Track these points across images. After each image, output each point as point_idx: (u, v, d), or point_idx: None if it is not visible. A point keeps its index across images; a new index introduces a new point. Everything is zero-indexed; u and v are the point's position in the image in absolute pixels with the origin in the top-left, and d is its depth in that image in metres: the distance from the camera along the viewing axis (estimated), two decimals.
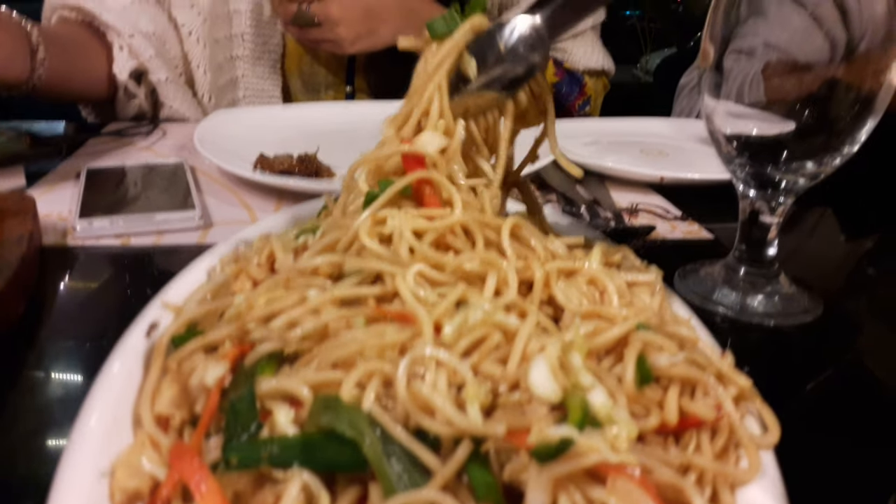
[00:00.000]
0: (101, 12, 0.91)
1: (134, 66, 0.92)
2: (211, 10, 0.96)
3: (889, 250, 0.64)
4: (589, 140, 0.85)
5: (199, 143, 0.71)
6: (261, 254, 0.38)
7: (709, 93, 0.49)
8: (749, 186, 0.49)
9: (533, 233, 0.38)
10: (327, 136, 0.83)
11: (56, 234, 0.57)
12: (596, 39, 1.10)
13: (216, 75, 0.98)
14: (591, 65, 1.09)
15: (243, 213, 0.63)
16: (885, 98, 0.46)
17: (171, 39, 0.96)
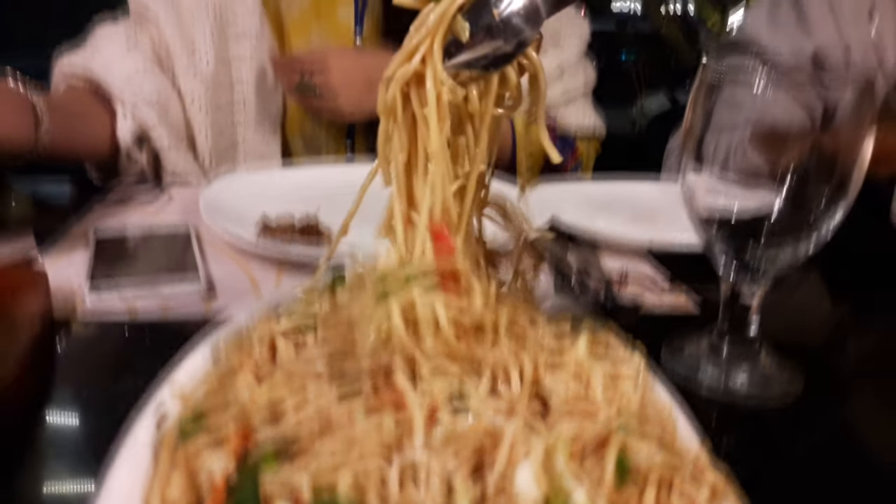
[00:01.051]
0: (108, 80, 0.95)
1: (137, 132, 0.95)
2: (214, 78, 0.99)
3: (871, 315, 0.67)
4: (581, 202, 0.88)
5: (204, 211, 0.74)
6: (262, 343, 0.41)
7: (691, 169, 0.51)
8: (729, 269, 0.51)
9: (526, 322, 0.41)
10: (328, 197, 0.86)
11: (66, 305, 0.59)
12: (588, 104, 1.14)
13: (217, 139, 1.01)
14: (583, 126, 1.12)
15: (246, 280, 0.66)
16: (858, 179, 0.49)
17: (173, 106, 0.99)
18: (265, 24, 1.01)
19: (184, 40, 0.99)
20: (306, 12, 1.06)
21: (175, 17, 0.99)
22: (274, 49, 1.03)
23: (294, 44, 1.06)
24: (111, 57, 0.97)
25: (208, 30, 0.99)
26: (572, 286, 0.66)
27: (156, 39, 1.00)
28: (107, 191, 0.90)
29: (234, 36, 1.01)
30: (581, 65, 1.13)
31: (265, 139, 1.04)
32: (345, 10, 1.06)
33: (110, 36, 1.00)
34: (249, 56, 1.01)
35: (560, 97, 1.10)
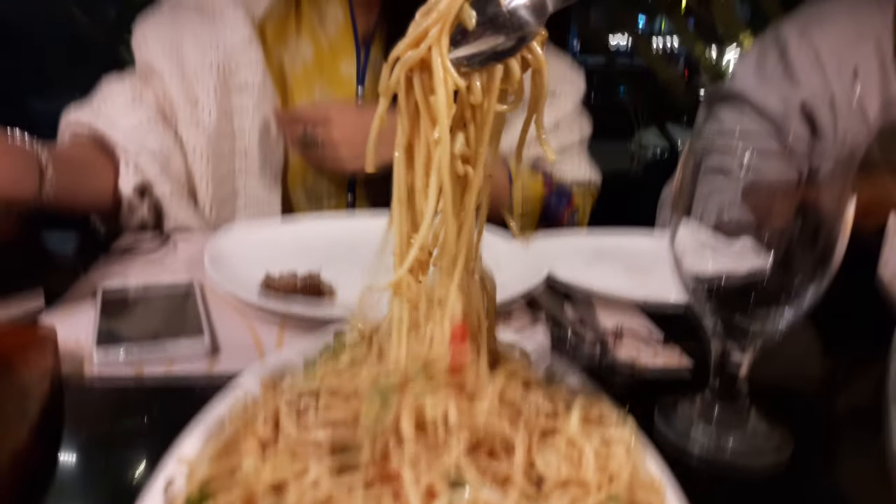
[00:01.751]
0: (111, 132, 0.97)
1: (138, 182, 0.98)
2: (216, 129, 1.02)
3: (860, 375, 0.68)
4: (576, 255, 0.90)
5: (209, 268, 0.75)
6: (266, 411, 0.42)
7: (680, 231, 0.53)
8: (718, 334, 0.52)
9: (520, 391, 0.42)
10: (330, 251, 0.88)
11: (73, 363, 0.61)
12: (583, 154, 1.17)
13: (218, 188, 1.04)
14: (579, 178, 1.15)
15: (248, 337, 0.67)
16: (841, 249, 0.50)
17: (175, 156, 1.02)
18: (268, 78, 1.04)
19: (187, 94, 1.02)
20: (310, 67, 1.09)
21: (179, 72, 1.02)
22: (276, 101, 1.06)
23: (297, 97, 1.09)
24: (116, 111, 1.00)
25: (211, 84, 1.02)
26: (568, 342, 0.67)
27: (160, 94, 1.03)
28: (112, 242, 0.92)
29: (237, 88, 1.04)
30: (577, 118, 1.16)
31: (266, 187, 1.06)
32: (347, 64, 1.09)
33: (116, 90, 1.03)
34: (252, 107, 1.03)
35: (555, 148, 1.14)
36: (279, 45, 1.09)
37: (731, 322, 0.51)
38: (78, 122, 1.00)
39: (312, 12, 1.10)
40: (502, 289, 0.74)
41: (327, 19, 1.10)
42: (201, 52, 1.02)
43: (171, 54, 1.02)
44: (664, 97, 3.41)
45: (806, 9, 1.25)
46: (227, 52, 1.02)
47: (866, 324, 0.75)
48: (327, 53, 1.10)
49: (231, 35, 1.02)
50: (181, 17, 1.05)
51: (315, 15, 1.10)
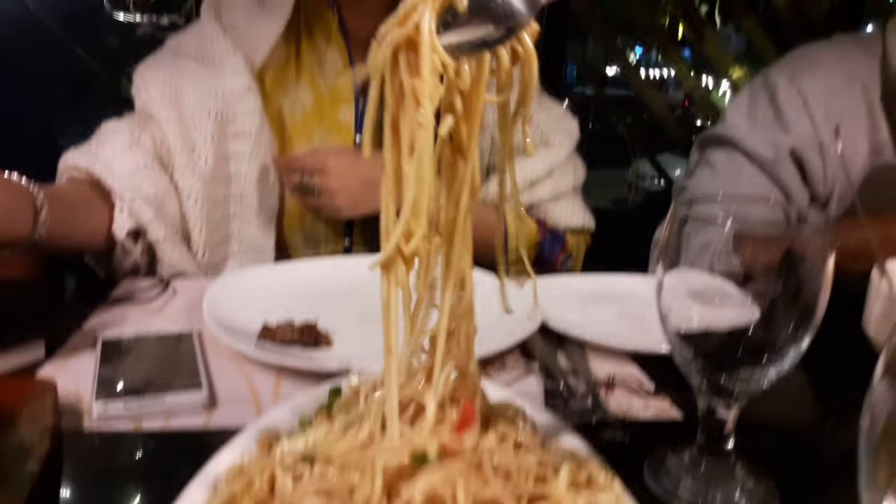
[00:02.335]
0: (107, 176, 0.99)
1: (133, 226, 0.99)
2: (211, 174, 1.04)
3: (845, 425, 0.69)
4: (569, 298, 0.91)
5: (207, 316, 0.77)
6: (262, 475, 0.43)
7: (665, 279, 0.54)
8: (704, 389, 0.54)
9: (510, 454, 0.43)
10: (327, 296, 0.90)
11: (73, 415, 0.62)
12: (577, 201, 1.19)
13: (212, 232, 1.05)
14: (572, 223, 1.17)
15: (245, 388, 0.68)
16: (822, 309, 0.52)
17: (170, 201, 1.03)
18: (265, 124, 1.06)
19: (184, 139, 1.04)
20: (309, 114, 1.12)
21: (177, 118, 1.04)
22: (273, 147, 1.08)
23: (296, 144, 1.11)
24: (113, 154, 1.02)
25: (209, 130, 1.04)
26: (561, 394, 0.68)
27: (157, 139, 1.04)
28: (111, 287, 0.94)
29: (234, 134, 1.06)
30: (570, 163, 1.18)
31: (259, 231, 1.07)
32: (346, 111, 1.12)
33: (114, 133, 1.05)
34: (248, 153, 1.05)
35: (549, 195, 1.15)
36: (279, 92, 1.12)
37: (716, 381, 0.53)
38: (75, 165, 1.01)
39: (312, 60, 1.13)
40: (496, 335, 0.76)
41: (327, 67, 1.12)
42: (200, 98, 1.04)
43: (170, 100, 1.04)
44: (658, 127, 3.44)
45: (795, 55, 1.28)
46: (225, 99, 1.04)
47: (854, 373, 0.76)
48: (326, 101, 1.12)
49: (230, 83, 1.04)
50: (181, 64, 1.07)
51: (315, 63, 1.13)
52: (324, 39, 1.12)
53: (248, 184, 1.06)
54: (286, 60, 1.12)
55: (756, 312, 0.52)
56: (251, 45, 1.07)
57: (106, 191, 1.00)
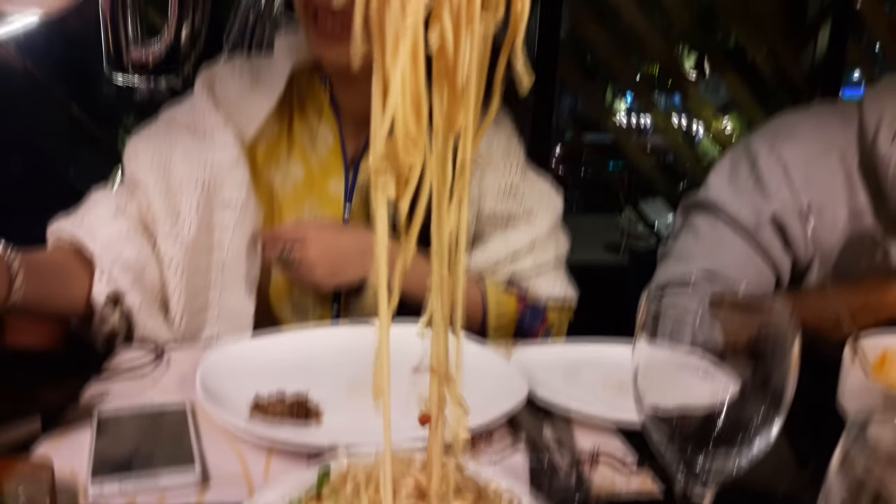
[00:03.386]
0: (90, 242, 1.02)
1: (111, 292, 1.01)
2: (194, 241, 1.06)
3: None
4: (555, 368, 0.94)
5: (200, 391, 0.78)
6: None
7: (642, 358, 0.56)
8: (680, 469, 0.56)
9: None
10: (318, 365, 0.92)
11: (69, 495, 0.63)
12: (559, 275, 1.21)
13: (190, 300, 1.07)
14: (554, 295, 1.18)
15: (237, 465, 0.70)
16: (789, 399, 0.54)
17: (150, 268, 1.05)
18: (252, 196, 1.08)
19: (169, 207, 1.06)
20: (300, 187, 1.15)
21: (164, 186, 1.06)
22: (259, 219, 1.10)
23: (287, 215, 1.14)
24: (98, 221, 1.04)
25: (195, 199, 1.06)
26: (545, 470, 0.70)
27: (144, 206, 1.06)
28: (106, 357, 0.95)
29: (220, 205, 1.08)
30: (552, 238, 1.20)
31: (239, 300, 1.09)
32: (336, 184, 1.15)
33: (101, 201, 1.07)
34: (233, 223, 1.07)
35: (531, 268, 1.17)
36: (271, 165, 1.15)
37: (692, 462, 0.55)
38: (61, 231, 1.04)
39: (304, 135, 1.16)
40: (483, 408, 0.78)
41: (318, 142, 1.16)
42: (188, 167, 1.06)
43: (159, 168, 1.06)
44: (646, 175, 3.48)
45: (774, 123, 1.33)
46: (213, 170, 1.07)
47: (831, 449, 0.78)
48: (317, 173, 1.15)
49: (219, 154, 1.07)
50: (173, 134, 1.10)
51: (307, 138, 1.16)
52: (316, 115, 1.16)
53: (230, 253, 1.08)
54: (278, 134, 1.16)
55: (730, 393, 0.54)
56: (243, 118, 1.10)
57: (88, 257, 1.02)
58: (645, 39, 2.71)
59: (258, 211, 1.10)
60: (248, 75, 1.14)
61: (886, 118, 1.17)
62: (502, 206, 1.17)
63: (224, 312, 1.09)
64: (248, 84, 1.12)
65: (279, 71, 1.12)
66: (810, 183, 1.23)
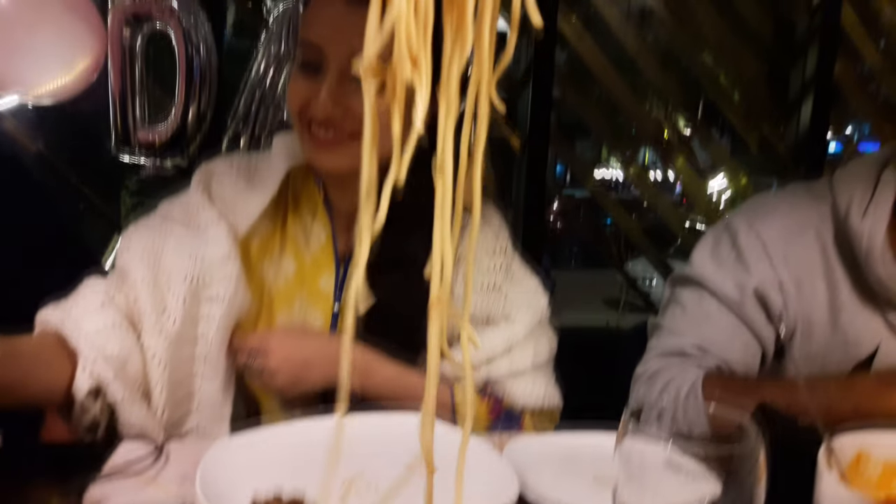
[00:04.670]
0: (74, 335, 1.04)
1: (93, 385, 1.03)
2: (178, 334, 1.08)
3: None
4: (545, 460, 0.95)
5: (200, 496, 0.80)
6: None
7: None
8: None
9: None
10: (316, 461, 0.92)
11: None
12: (538, 378, 1.18)
13: (173, 391, 1.09)
14: (531, 403, 1.16)
15: None
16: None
17: (134, 361, 1.07)
18: (240, 291, 1.11)
19: (156, 301, 1.08)
20: (291, 283, 1.18)
21: (152, 279, 1.09)
22: (245, 313, 1.12)
23: (278, 310, 1.17)
24: (84, 311, 1.07)
25: (182, 293, 1.08)
26: None
27: (131, 298, 1.09)
28: (106, 454, 0.97)
29: (207, 298, 1.10)
30: (533, 340, 1.18)
31: (220, 391, 1.11)
32: (326, 280, 1.18)
33: (90, 290, 1.10)
34: (219, 317, 1.09)
35: (507, 372, 1.15)
36: (263, 261, 1.18)
37: None
38: (47, 322, 1.07)
39: (297, 233, 1.20)
40: None
41: (311, 240, 1.19)
42: (178, 261, 1.09)
43: (149, 261, 1.09)
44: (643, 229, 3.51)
45: (752, 203, 1.41)
46: (203, 265, 1.09)
47: None
48: (308, 269, 1.18)
49: (211, 249, 1.10)
50: (166, 228, 1.13)
51: (300, 235, 1.19)
52: (309, 214, 1.20)
53: (214, 346, 1.10)
54: (272, 231, 1.19)
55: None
56: (237, 215, 1.14)
57: (71, 350, 1.04)
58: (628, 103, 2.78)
59: (245, 306, 1.12)
60: (244, 172, 1.18)
61: (856, 196, 1.24)
62: (483, 306, 1.17)
63: (205, 404, 1.10)
64: (243, 181, 1.16)
65: (275, 170, 1.16)
66: (788, 258, 1.28)
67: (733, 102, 2.70)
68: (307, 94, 1.06)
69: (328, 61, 1.05)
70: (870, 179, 1.24)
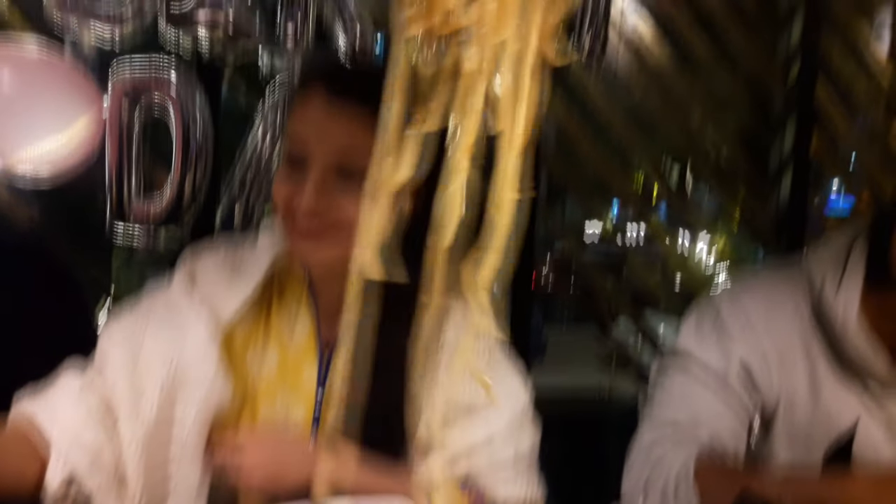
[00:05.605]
0: (49, 426, 1.04)
1: (67, 475, 1.02)
2: (155, 419, 1.08)
3: None
4: None
5: None
6: None
7: None
8: None
9: None
10: None
11: None
12: (519, 470, 1.15)
13: (149, 475, 1.08)
14: (513, 496, 1.13)
15: None
16: None
17: (109, 448, 1.06)
18: (219, 376, 1.10)
19: (134, 389, 1.08)
20: (273, 374, 1.17)
21: (132, 365, 1.09)
22: (225, 404, 1.11)
23: (261, 402, 1.16)
24: (60, 402, 1.07)
25: (161, 379, 1.08)
26: None
27: (109, 386, 1.09)
28: None
29: (186, 383, 1.09)
30: (513, 432, 1.15)
31: (197, 475, 1.09)
32: (309, 370, 1.17)
33: (69, 376, 1.11)
34: (196, 401, 1.08)
35: (487, 465, 1.12)
36: (246, 351, 1.17)
37: None
38: (23, 410, 1.07)
39: (282, 324, 1.19)
40: None
41: (295, 332, 1.18)
42: (158, 348, 1.09)
43: (130, 348, 1.09)
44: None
45: (733, 281, 1.46)
46: (184, 352, 1.09)
47: None
48: (291, 360, 1.18)
49: (191, 335, 1.10)
50: (150, 314, 1.14)
51: (284, 327, 1.19)
52: (294, 305, 1.20)
53: (191, 431, 1.08)
54: (256, 321, 1.19)
55: None
56: (220, 304, 1.14)
57: (45, 440, 1.04)
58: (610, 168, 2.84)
59: (225, 392, 1.11)
60: (230, 261, 1.18)
61: (829, 273, 1.29)
62: (465, 395, 1.12)
63: (181, 486, 1.09)
64: (228, 271, 1.17)
65: (261, 261, 1.17)
66: (770, 330, 1.32)
67: (715, 173, 2.77)
68: (292, 187, 1.08)
69: (312, 156, 1.08)
70: (840, 256, 1.29)
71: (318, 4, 1.90)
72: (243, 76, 2.20)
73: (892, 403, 1.30)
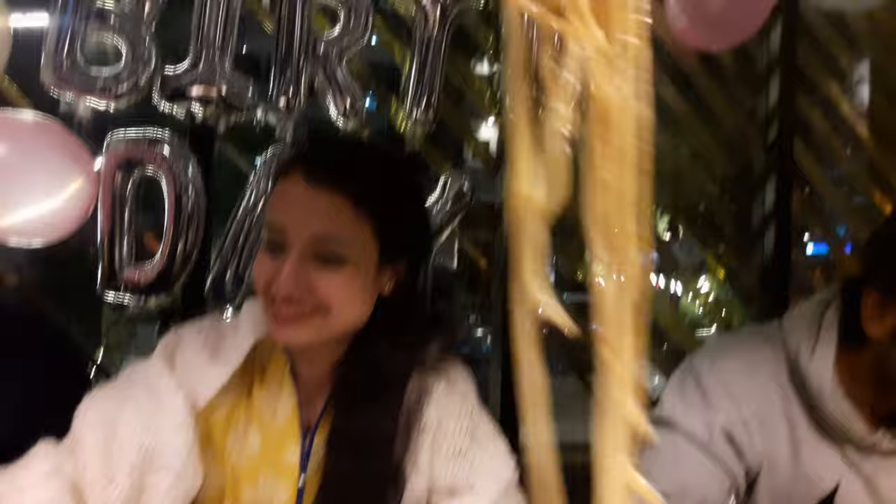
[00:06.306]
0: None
1: None
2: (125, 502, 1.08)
3: None
4: None
5: None
6: None
7: None
8: None
9: None
10: None
11: None
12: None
13: None
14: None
15: None
16: None
17: None
18: (190, 464, 1.10)
19: (104, 470, 1.08)
20: (255, 456, 1.17)
21: (104, 447, 1.09)
22: (195, 486, 1.12)
23: (243, 483, 1.16)
24: (29, 483, 1.07)
25: (132, 463, 1.08)
26: None
27: (80, 467, 1.09)
28: None
29: (156, 468, 1.09)
30: None
31: None
32: (291, 451, 1.17)
33: (41, 456, 1.11)
34: (165, 488, 1.08)
35: None
36: (227, 433, 1.18)
37: None
38: None
39: (263, 404, 1.19)
40: None
41: (278, 411, 1.18)
42: (132, 430, 1.09)
43: (103, 429, 1.10)
44: None
45: (711, 345, 1.49)
46: (157, 435, 1.09)
47: None
48: (274, 442, 1.18)
49: (165, 420, 1.10)
50: (126, 394, 1.14)
51: (266, 406, 1.19)
52: (276, 384, 1.20)
53: (167, 486, 1.08)
54: (237, 403, 1.19)
55: None
56: (198, 386, 1.14)
57: None
58: None
59: (195, 479, 1.11)
60: (211, 341, 1.18)
61: (804, 338, 1.32)
62: (446, 475, 1.13)
63: None
64: (209, 351, 1.17)
65: (242, 340, 1.17)
66: (750, 395, 1.34)
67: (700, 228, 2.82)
68: (272, 273, 1.10)
69: (290, 241, 1.10)
70: (814, 321, 1.32)
71: (309, 72, 1.94)
72: (236, 140, 2.24)
73: (871, 465, 1.31)
